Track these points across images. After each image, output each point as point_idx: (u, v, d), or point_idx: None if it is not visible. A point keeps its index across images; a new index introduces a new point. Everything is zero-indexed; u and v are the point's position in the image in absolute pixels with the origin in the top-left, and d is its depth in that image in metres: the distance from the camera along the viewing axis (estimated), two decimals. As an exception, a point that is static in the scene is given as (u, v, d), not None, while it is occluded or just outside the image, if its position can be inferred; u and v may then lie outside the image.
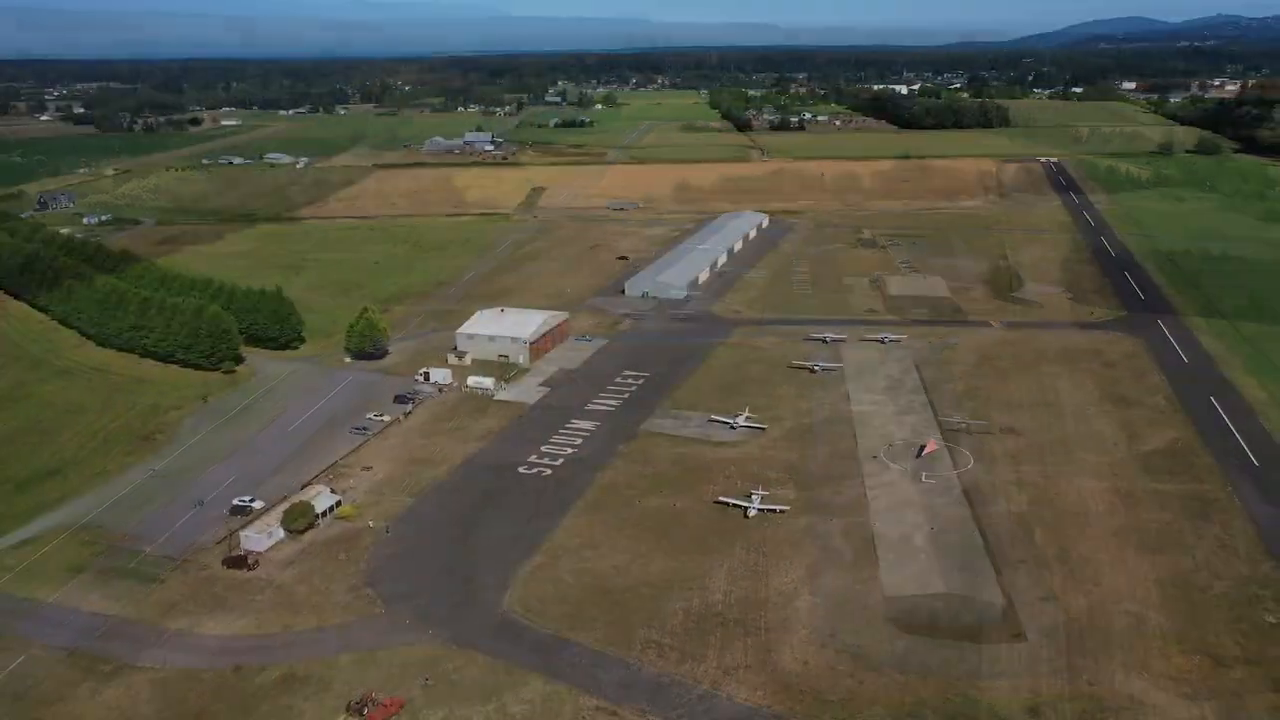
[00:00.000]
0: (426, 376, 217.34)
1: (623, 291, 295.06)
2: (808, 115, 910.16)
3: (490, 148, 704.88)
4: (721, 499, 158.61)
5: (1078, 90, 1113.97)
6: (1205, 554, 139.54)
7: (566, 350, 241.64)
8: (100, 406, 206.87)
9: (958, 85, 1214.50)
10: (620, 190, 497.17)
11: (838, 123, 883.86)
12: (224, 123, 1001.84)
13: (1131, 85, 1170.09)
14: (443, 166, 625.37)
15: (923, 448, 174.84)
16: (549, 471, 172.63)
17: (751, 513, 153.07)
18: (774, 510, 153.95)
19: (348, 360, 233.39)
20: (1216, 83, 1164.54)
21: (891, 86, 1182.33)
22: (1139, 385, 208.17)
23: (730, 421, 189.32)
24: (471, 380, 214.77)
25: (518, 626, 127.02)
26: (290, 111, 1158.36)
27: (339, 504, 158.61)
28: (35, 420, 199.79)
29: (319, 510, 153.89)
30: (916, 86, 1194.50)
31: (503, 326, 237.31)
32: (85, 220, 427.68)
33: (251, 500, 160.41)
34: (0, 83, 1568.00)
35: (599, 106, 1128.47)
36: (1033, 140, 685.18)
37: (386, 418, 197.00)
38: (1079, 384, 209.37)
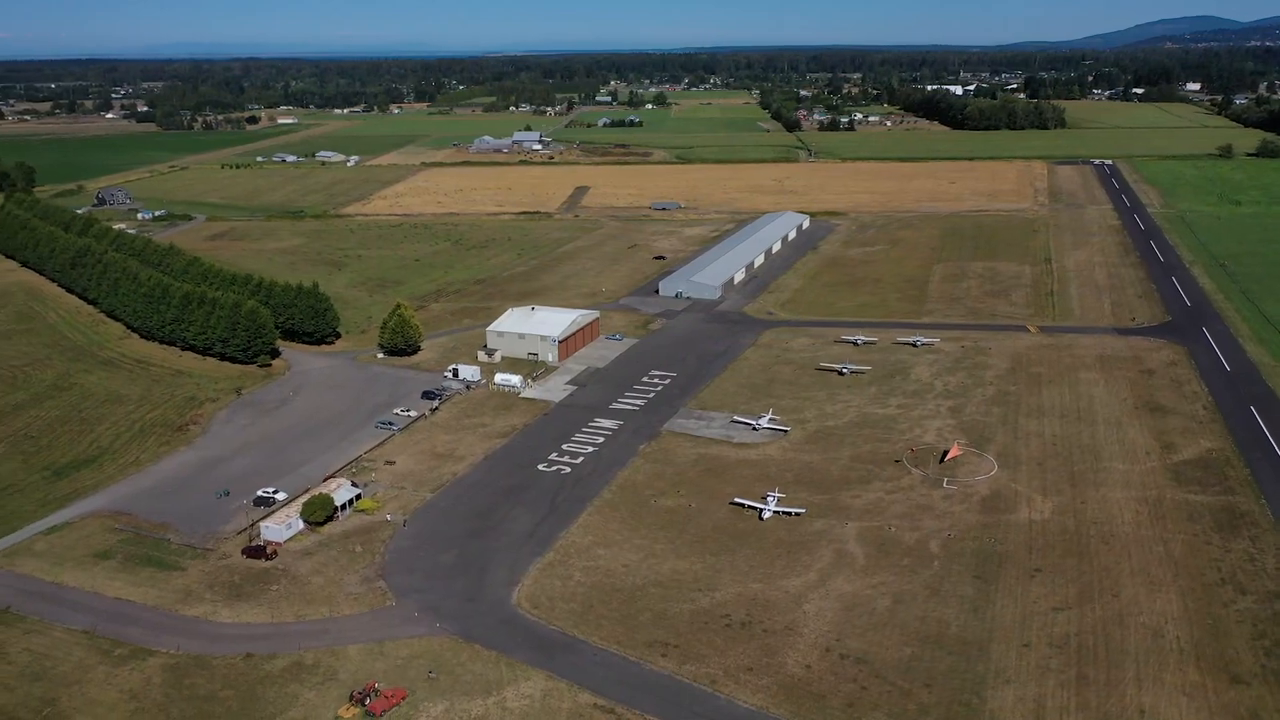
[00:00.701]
0: (455, 373, 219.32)
1: (657, 291, 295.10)
2: (858, 116, 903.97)
3: (538, 147, 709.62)
4: (737, 500, 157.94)
5: (1138, 91, 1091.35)
6: (1231, 568, 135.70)
7: (596, 349, 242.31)
8: (139, 397, 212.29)
9: (1014, 86, 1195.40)
10: (664, 190, 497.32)
11: (888, 123, 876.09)
12: (280, 121, 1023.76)
13: (1195, 86, 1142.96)
14: (489, 165, 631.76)
15: (946, 452, 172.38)
16: (568, 469, 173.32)
17: (766, 515, 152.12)
18: (790, 513, 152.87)
19: (380, 356, 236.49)
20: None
21: (946, 87, 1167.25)
22: (1178, 393, 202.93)
23: (753, 423, 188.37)
24: (499, 378, 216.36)
25: (524, 623, 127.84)
26: (345, 110, 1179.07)
27: (359, 497, 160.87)
28: (77, 409, 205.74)
29: (339, 503, 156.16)
30: (972, 87, 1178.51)
31: (533, 324, 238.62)
32: (140, 215, 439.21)
33: (275, 492, 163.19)
34: (69, 81, 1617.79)
35: (650, 106, 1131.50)
36: (1088, 142, 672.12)
37: (413, 413, 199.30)
38: (1115, 391, 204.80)
